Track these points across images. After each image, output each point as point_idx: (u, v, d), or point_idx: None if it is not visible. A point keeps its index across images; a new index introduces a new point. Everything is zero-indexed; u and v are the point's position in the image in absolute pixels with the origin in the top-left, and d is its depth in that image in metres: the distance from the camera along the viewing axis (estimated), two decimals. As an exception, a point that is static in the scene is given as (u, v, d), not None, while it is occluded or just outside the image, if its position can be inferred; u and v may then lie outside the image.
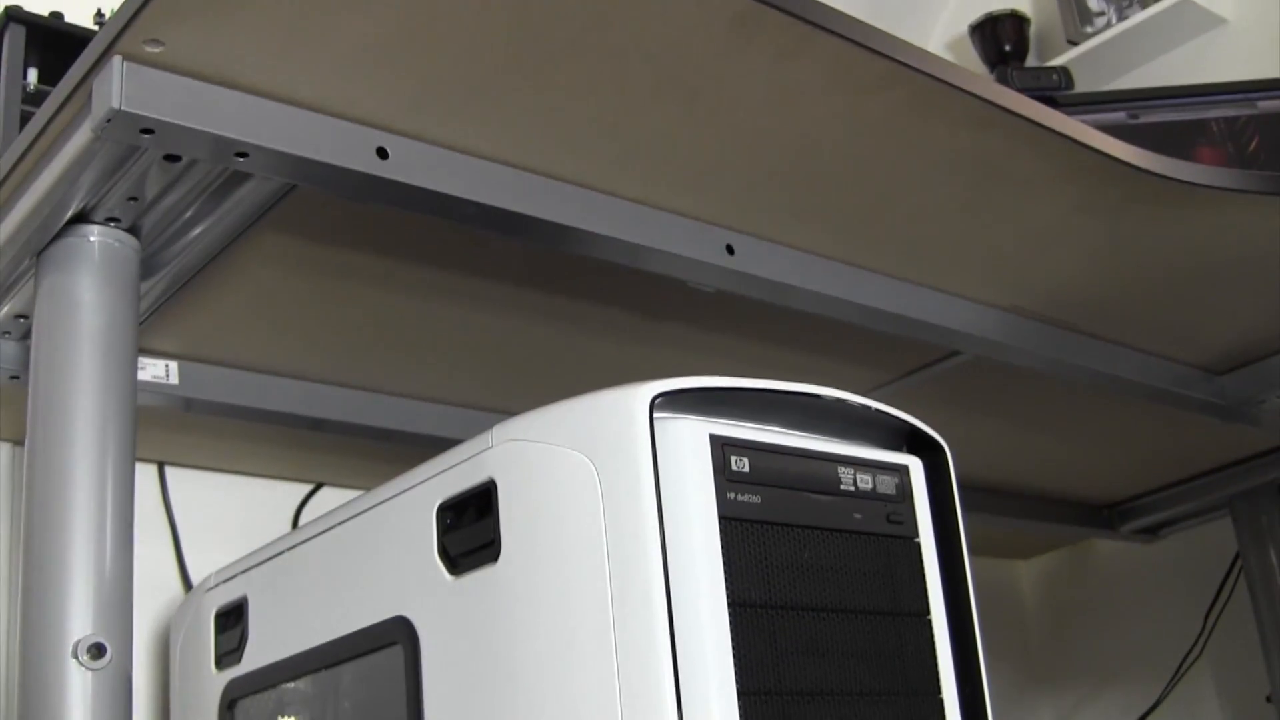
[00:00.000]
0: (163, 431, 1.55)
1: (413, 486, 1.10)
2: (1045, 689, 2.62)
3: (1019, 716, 2.58)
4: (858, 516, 1.01)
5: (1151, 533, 2.45)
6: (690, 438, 0.93)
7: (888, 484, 1.03)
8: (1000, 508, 2.18)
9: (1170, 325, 1.59)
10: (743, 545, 0.93)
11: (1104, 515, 2.38)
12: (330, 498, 1.76)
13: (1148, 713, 2.43)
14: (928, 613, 1.03)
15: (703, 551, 0.91)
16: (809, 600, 0.95)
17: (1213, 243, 1.39)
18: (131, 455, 1.06)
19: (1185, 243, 1.38)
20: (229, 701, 1.30)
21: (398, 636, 1.08)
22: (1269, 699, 2.24)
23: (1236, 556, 2.32)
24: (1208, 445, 2.08)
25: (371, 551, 1.14)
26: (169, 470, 1.67)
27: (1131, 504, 2.36)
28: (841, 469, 1.01)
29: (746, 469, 0.95)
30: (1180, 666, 2.40)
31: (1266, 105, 1.79)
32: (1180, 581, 2.46)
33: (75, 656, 0.98)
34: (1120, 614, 2.54)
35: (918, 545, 1.04)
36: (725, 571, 0.91)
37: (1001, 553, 2.64)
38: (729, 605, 0.91)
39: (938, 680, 1.02)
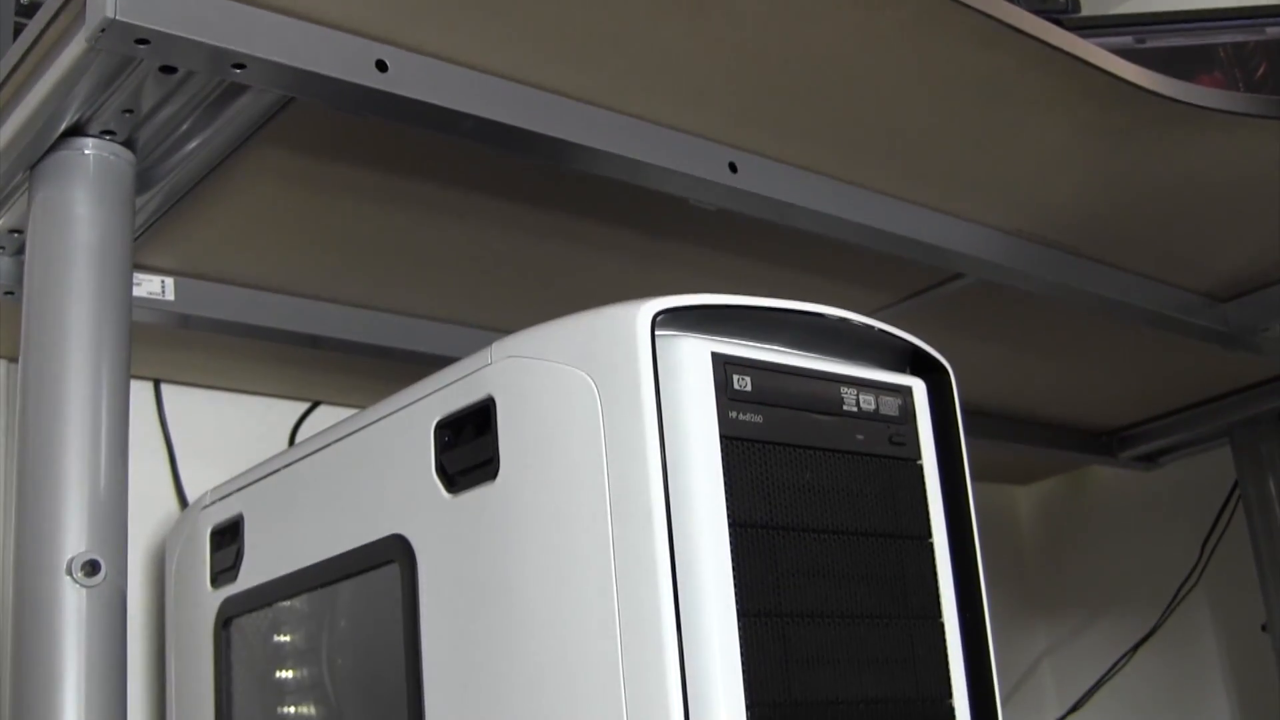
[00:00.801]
0: (159, 348, 1.54)
1: (410, 404, 1.09)
2: (1040, 615, 2.63)
3: (1014, 642, 2.58)
4: (860, 438, 1.00)
5: (1150, 460, 2.45)
6: (692, 356, 0.92)
7: (891, 405, 1.02)
8: (999, 432, 2.17)
9: (1175, 251, 1.58)
10: (744, 465, 0.92)
11: (1103, 442, 2.37)
12: (327, 416, 1.75)
13: (1143, 640, 2.44)
14: (929, 535, 1.03)
15: (703, 471, 0.90)
16: (810, 521, 0.94)
17: (1220, 168, 1.37)
18: (126, 371, 1.05)
19: (1192, 167, 1.37)
20: (224, 619, 1.30)
21: (394, 555, 1.08)
22: (1264, 628, 2.24)
23: (1235, 485, 2.32)
24: (1209, 373, 2.07)
25: (368, 469, 1.13)
26: (165, 387, 1.66)
27: (1131, 431, 2.35)
28: (844, 389, 1.00)
29: (749, 388, 0.94)
30: (1176, 595, 2.40)
31: (1275, 31, 1.77)
32: (1178, 510, 2.46)
33: (69, 573, 0.98)
34: (1117, 541, 2.54)
35: (920, 467, 1.03)
36: (726, 491, 0.90)
37: (999, 478, 2.63)
38: (729, 525, 0.90)
39: (938, 603, 1.02)
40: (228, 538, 1.32)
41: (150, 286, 1.38)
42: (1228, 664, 2.39)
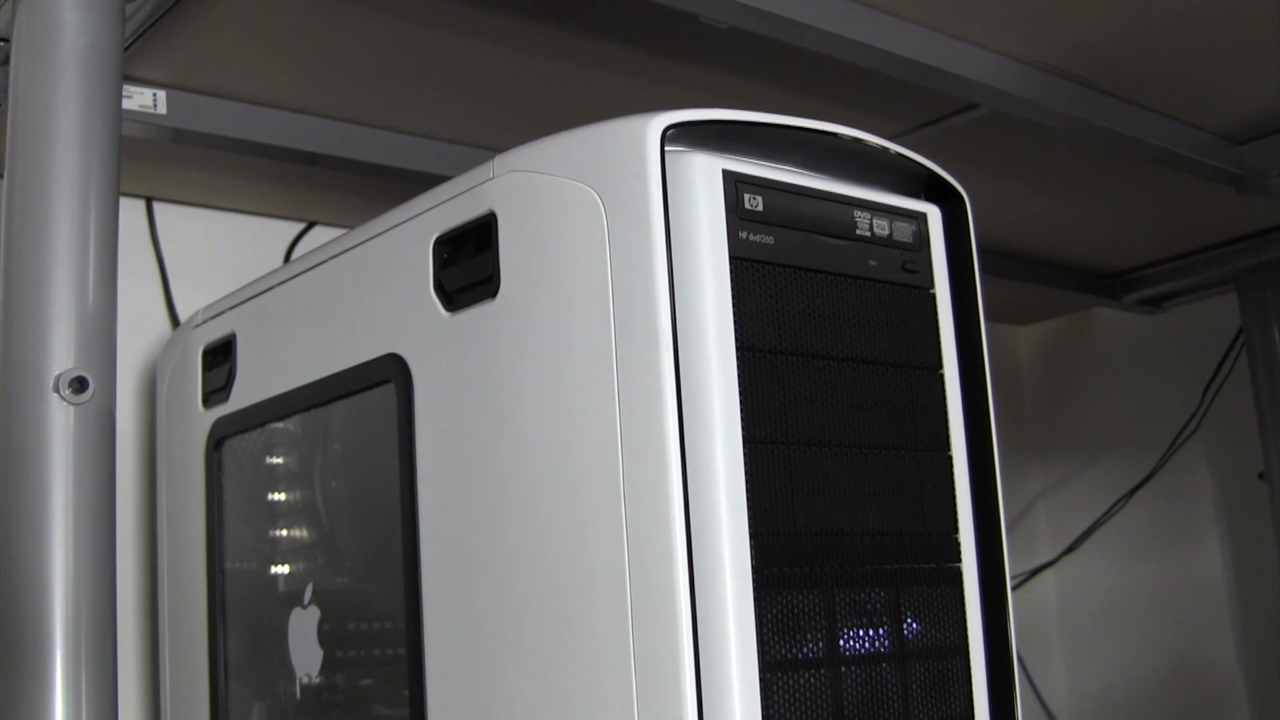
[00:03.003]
0: (151, 165, 1.51)
1: (409, 219, 1.06)
2: (1037, 456, 2.62)
3: (1009, 483, 2.56)
4: (873, 264, 0.97)
5: (1154, 304, 2.43)
6: (702, 172, 0.89)
7: (905, 231, 0.99)
8: (1003, 269, 2.15)
9: (1194, 88, 1.55)
10: (753, 287, 0.89)
11: (1108, 283, 2.35)
12: (323, 237, 1.72)
13: (1139, 485, 2.44)
14: (940, 366, 1.00)
15: (712, 292, 0.87)
16: (819, 347, 0.92)
17: (1246, 3, 1.33)
18: (115, 185, 1.03)
19: (1217, 1, 1.33)
20: (216, 440, 1.28)
21: (390, 374, 1.06)
22: (1261, 476, 2.24)
23: (1239, 332, 2.31)
24: (1219, 217, 2.05)
25: (364, 287, 1.11)
26: (157, 206, 1.63)
27: (1137, 273, 2.33)
28: (858, 213, 0.97)
29: (760, 208, 0.91)
30: (1175, 440, 2.39)
31: None
32: (1180, 355, 2.45)
33: (56, 390, 0.97)
34: (1117, 385, 2.53)
35: (933, 296, 1.01)
36: (734, 314, 0.87)
37: (1000, 317, 2.61)
38: (737, 349, 0.87)
39: (947, 436, 1.00)
40: (220, 357, 1.30)
41: (141, 99, 1.35)
42: (1223, 511, 2.39)
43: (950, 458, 0.99)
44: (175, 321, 1.60)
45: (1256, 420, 2.24)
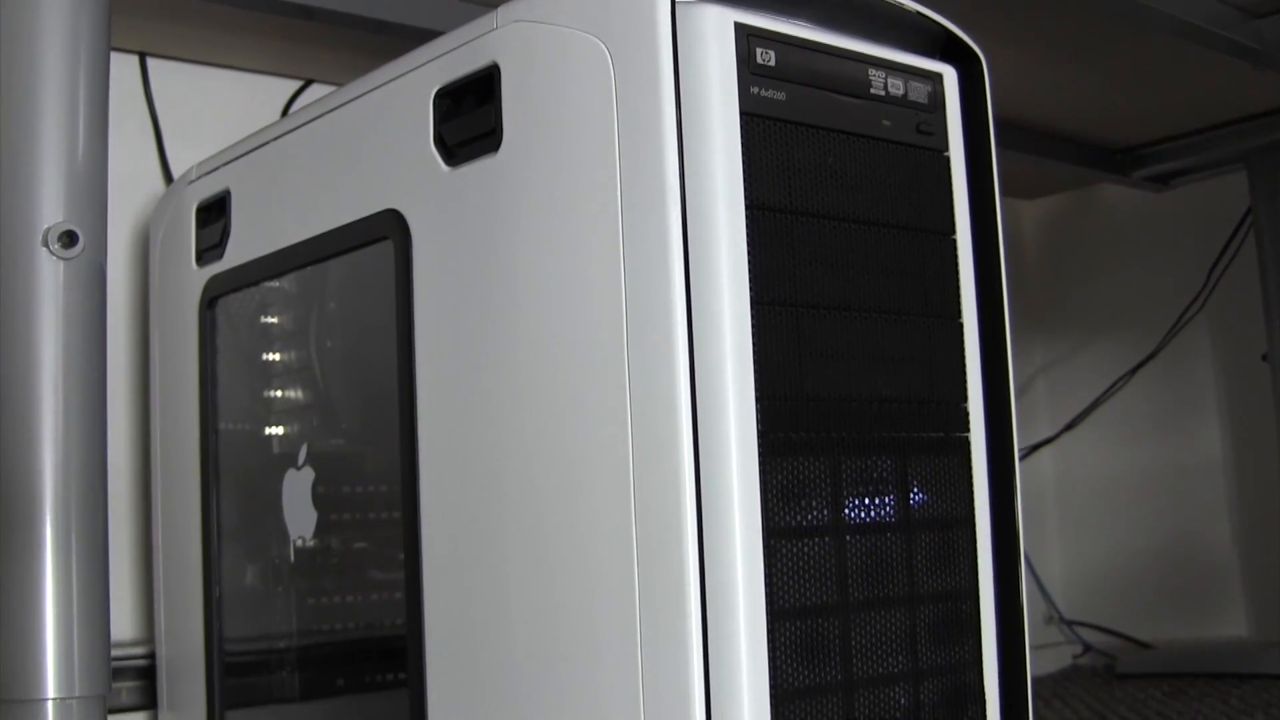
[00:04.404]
0: (145, 19, 1.48)
1: (408, 71, 1.04)
2: (1038, 332, 2.61)
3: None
4: (886, 124, 0.94)
5: (1162, 181, 2.40)
6: (713, 24, 0.86)
7: (920, 92, 0.97)
8: (1010, 142, 2.12)
9: (1213, -44, 1.52)
10: (764, 144, 0.86)
11: (1116, 159, 2.32)
12: (320, 95, 1.69)
13: (1141, 364, 2.43)
14: (952, 232, 0.98)
15: (721, 148, 0.84)
16: (831, 208, 0.89)
17: None
18: (106, 38, 1.01)
19: None
20: (210, 298, 1.26)
21: (388, 231, 1.03)
22: (1264, 358, 2.22)
23: (1247, 212, 2.28)
24: (1232, 94, 2.02)
25: (362, 141, 1.08)
26: (151, 62, 1.60)
27: (1146, 150, 2.30)
28: (872, 71, 0.94)
29: (772, 63, 0.88)
30: (1178, 320, 2.38)
31: None
32: (1187, 234, 2.43)
33: (45, 244, 0.95)
34: (1122, 262, 2.51)
35: (947, 160, 0.98)
36: (744, 171, 0.85)
37: (1005, 191, 2.57)
38: (747, 208, 0.85)
39: (958, 303, 0.97)
40: (214, 214, 1.27)
41: (135, -52, 1.32)
42: (1224, 392, 2.39)
43: (961, 325, 0.97)
44: (169, 179, 1.57)
45: (1261, 302, 2.22)
